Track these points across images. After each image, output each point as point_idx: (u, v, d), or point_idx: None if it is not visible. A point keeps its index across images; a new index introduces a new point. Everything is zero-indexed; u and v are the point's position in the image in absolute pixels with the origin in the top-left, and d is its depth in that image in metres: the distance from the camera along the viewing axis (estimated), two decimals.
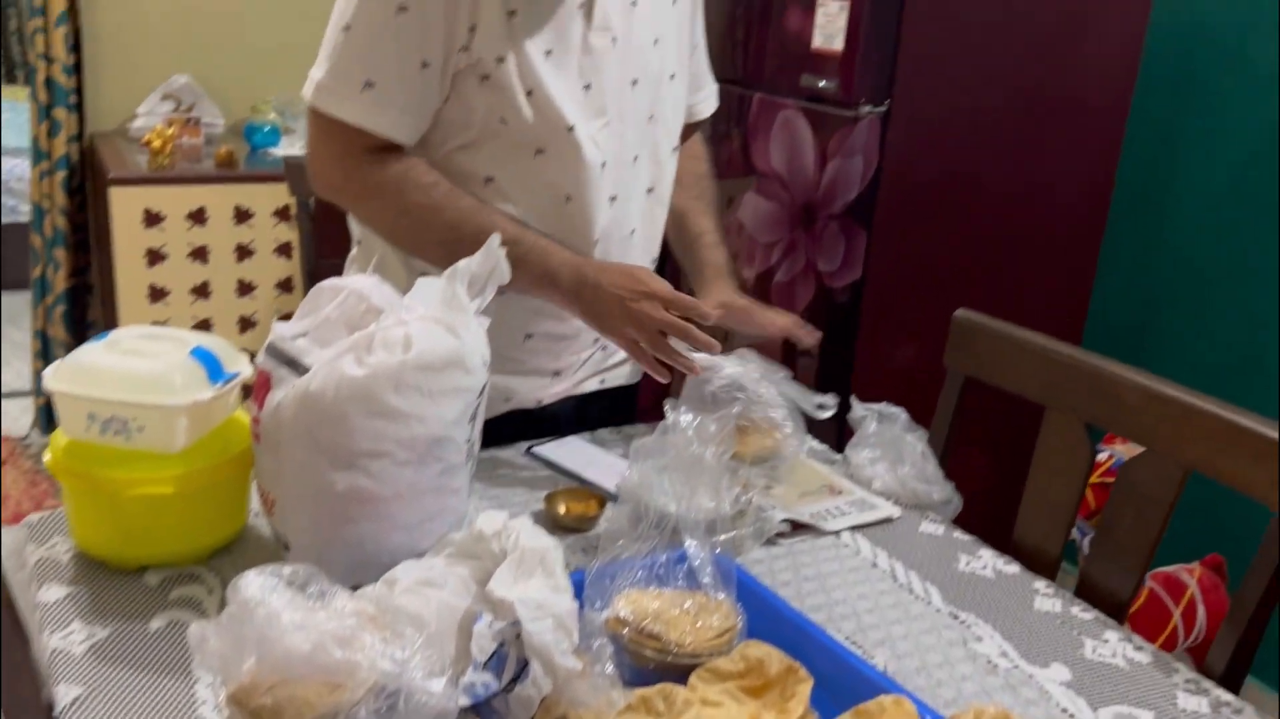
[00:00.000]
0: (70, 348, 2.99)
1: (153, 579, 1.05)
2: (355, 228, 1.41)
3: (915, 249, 2.07)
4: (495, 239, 1.04)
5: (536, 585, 0.83)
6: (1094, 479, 1.99)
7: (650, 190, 1.39)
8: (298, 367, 1.00)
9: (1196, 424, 1.10)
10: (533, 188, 1.27)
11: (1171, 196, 2.43)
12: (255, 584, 0.75)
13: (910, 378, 1.84)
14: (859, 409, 1.38)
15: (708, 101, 1.54)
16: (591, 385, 1.45)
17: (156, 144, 2.69)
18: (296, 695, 0.72)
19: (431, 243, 1.25)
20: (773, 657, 0.90)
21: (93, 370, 1.03)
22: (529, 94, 1.22)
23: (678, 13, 1.37)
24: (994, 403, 1.41)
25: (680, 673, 0.89)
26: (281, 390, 1.00)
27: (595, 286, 1.22)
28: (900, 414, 1.37)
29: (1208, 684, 1.01)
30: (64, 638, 0.95)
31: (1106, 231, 2.28)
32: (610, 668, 0.85)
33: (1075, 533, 2.03)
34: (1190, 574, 2.16)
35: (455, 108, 1.24)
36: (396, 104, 1.20)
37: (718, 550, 0.97)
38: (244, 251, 2.77)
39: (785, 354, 2.11)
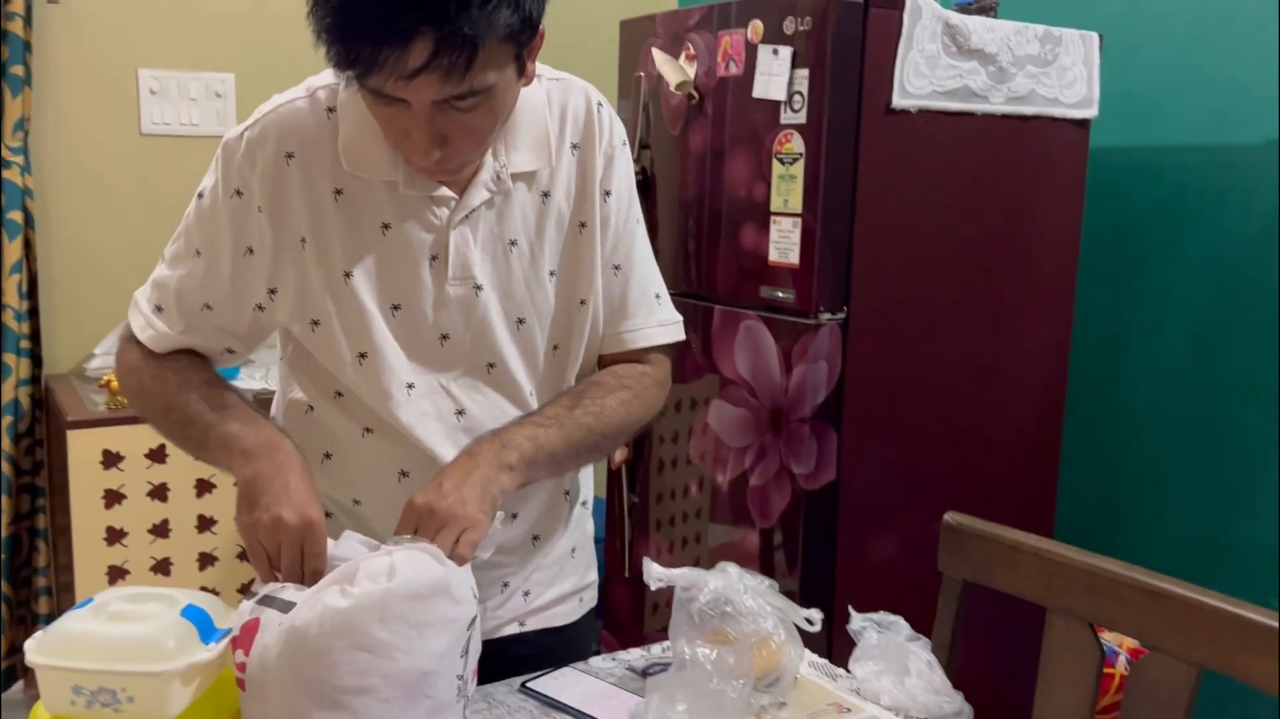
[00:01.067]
0: (8, 598, 2.88)
1: None
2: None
3: (886, 447, 2.10)
4: None
5: None
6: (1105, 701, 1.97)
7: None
8: (283, 604, 0.98)
9: (1201, 621, 1.10)
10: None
11: (1124, 381, 2.52)
12: None
13: (894, 576, 1.84)
14: (857, 620, 1.36)
15: (644, 332, 1.34)
16: (510, 630, 1.37)
17: (115, 385, 2.68)
18: None
19: (156, 423, 1.28)
20: None
21: (79, 639, 0.99)
22: (361, 357, 1.20)
23: (588, 239, 1.28)
24: (992, 607, 1.40)
25: None
26: (268, 634, 0.97)
27: (262, 486, 1.10)
28: (901, 623, 1.35)
29: None
30: None
31: (1066, 420, 2.34)
32: None
33: None
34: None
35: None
36: (176, 330, 1.26)
37: None
38: (205, 486, 2.72)
39: (763, 563, 2.10)
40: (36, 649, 0.98)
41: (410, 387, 1.21)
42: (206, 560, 2.76)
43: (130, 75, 3.02)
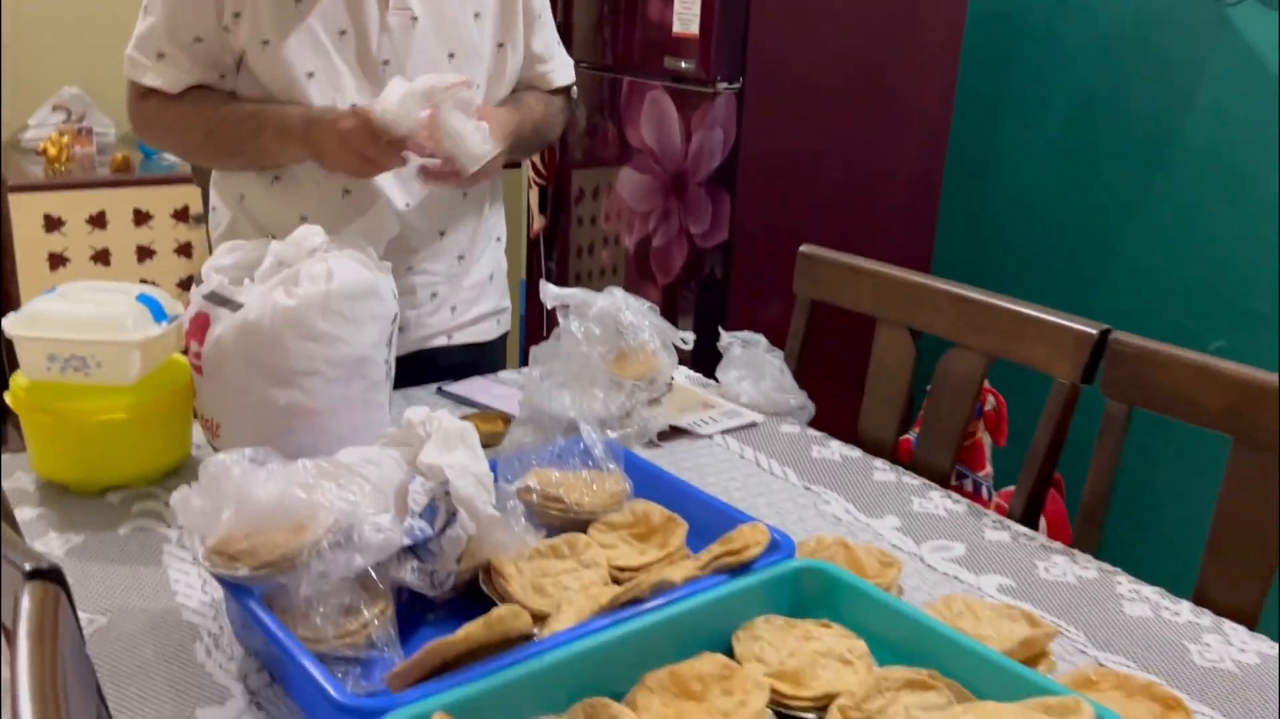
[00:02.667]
0: None
1: (114, 498, 1.19)
2: (212, 195, 1.56)
3: (774, 209, 2.30)
4: (380, 201, 1.22)
5: (459, 454, 1.01)
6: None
7: None
8: (232, 304, 1.17)
9: (994, 319, 1.34)
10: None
11: (998, 156, 2.72)
12: (225, 458, 0.91)
13: (775, 322, 2.06)
14: (725, 338, 1.59)
15: (559, 72, 1.62)
16: (439, 341, 1.60)
17: (52, 151, 2.77)
18: (268, 539, 0.89)
19: (198, 141, 1.46)
20: (655, 510, 1.09)
21: (49, 317, 1.17)
22: (309, 75, 1.39)
23: None
24: (837, 324, 1.64)
25: (580, 528, 1.08)
26: (220, 326, 1.16)
27: (320, 126, 1.35)
28: (760, 339, 1.58)
29: (1009, 523, 1.24)
30: (44, 544, 1.10)
31: (943, 191, 2.55)
32: (524, 522, 1.03)
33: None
34: None
35: (246, 79, 1.42)
36: (184, 69, 1.41)
37: (608, 435, 1.16)
38: (145, 253, 2.86)
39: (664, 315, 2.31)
40: (13, 323, 1.17)
41: (354, 107, 1.38)
42: None
43: None
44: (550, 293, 1.40)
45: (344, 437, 1.17)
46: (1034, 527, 1.27)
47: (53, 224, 2.74)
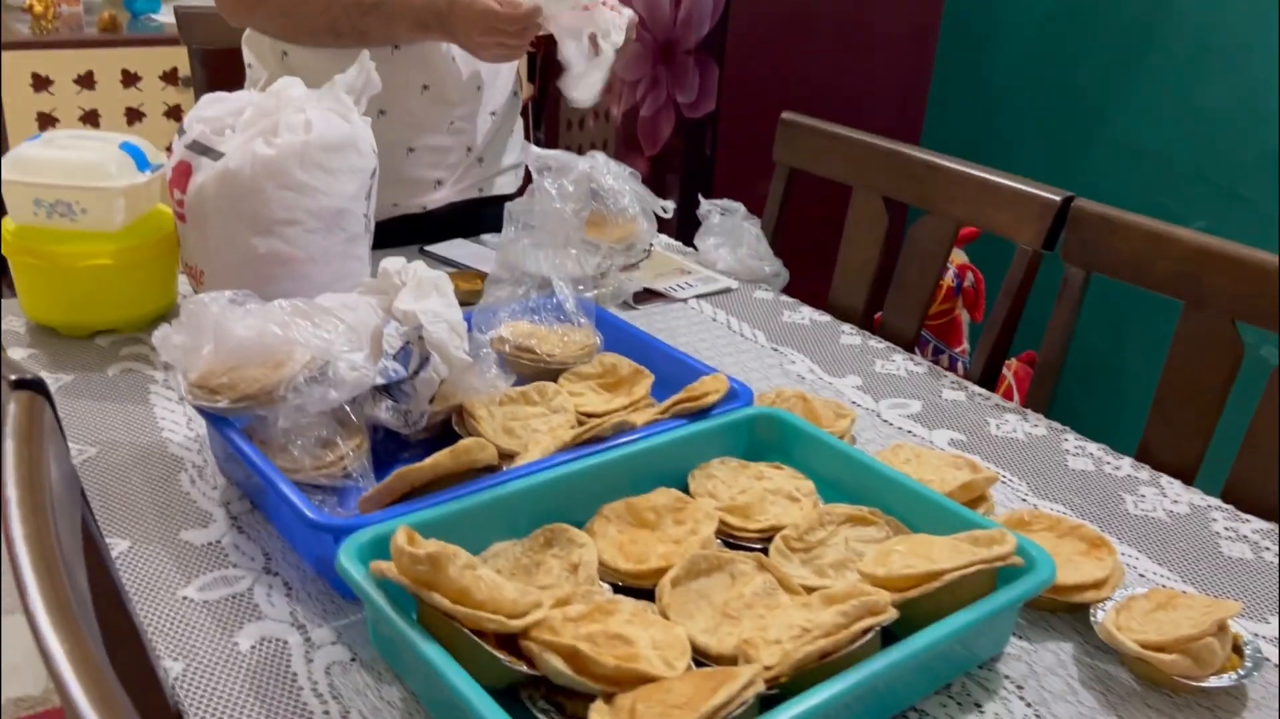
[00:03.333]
0: None
1: (103, 342, 1.23)
2: (247, 54, 1.57)
3: (763, 80, 2.29)
4: (365, 55, 1.23)
5: (433, 301, 1.04)
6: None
7: None
8: (213, 153, 1.19)
9: (963, 186, 1.36)
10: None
11: (992, 29, 2.69)
12: (205, 298, 0.95)
13: (763, 195, 2.08)
14: (705, 205, 1.62)
15: None
16: (472, 194, 1.65)
17: (39, 8, 2.74)
18: (247, 374, 0.93)
19: (316, 29, 1.43)
20: (623, 363, 1.14)
21: (35, 163, 1.19)
22: None
23: None
24: (818, 194, 1.66)
25: (550, 378, 1.12)
26: (202, 174, 1.18)
27: (465, 15, 1.37)
28: (739, 207, 1.61)
29: (967, 383, 1.29)
30: None
31: (936, 63, 2.53)
32: (495, 369, 1.08)
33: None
34: (1007, 368, 2.48)
35: None
36: None
37: (580, 291, 1.20)
38: (134, 115, 2.85)
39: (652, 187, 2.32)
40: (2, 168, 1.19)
41: None
42: None
43: None
44: (533, 154, 1.41)
45: (324, 286, 1.20)
46: (991, 388, 1.32)
47: (41, 83, 2.72)
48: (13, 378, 0.65)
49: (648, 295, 1.47)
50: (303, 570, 0.88)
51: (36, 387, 0.65)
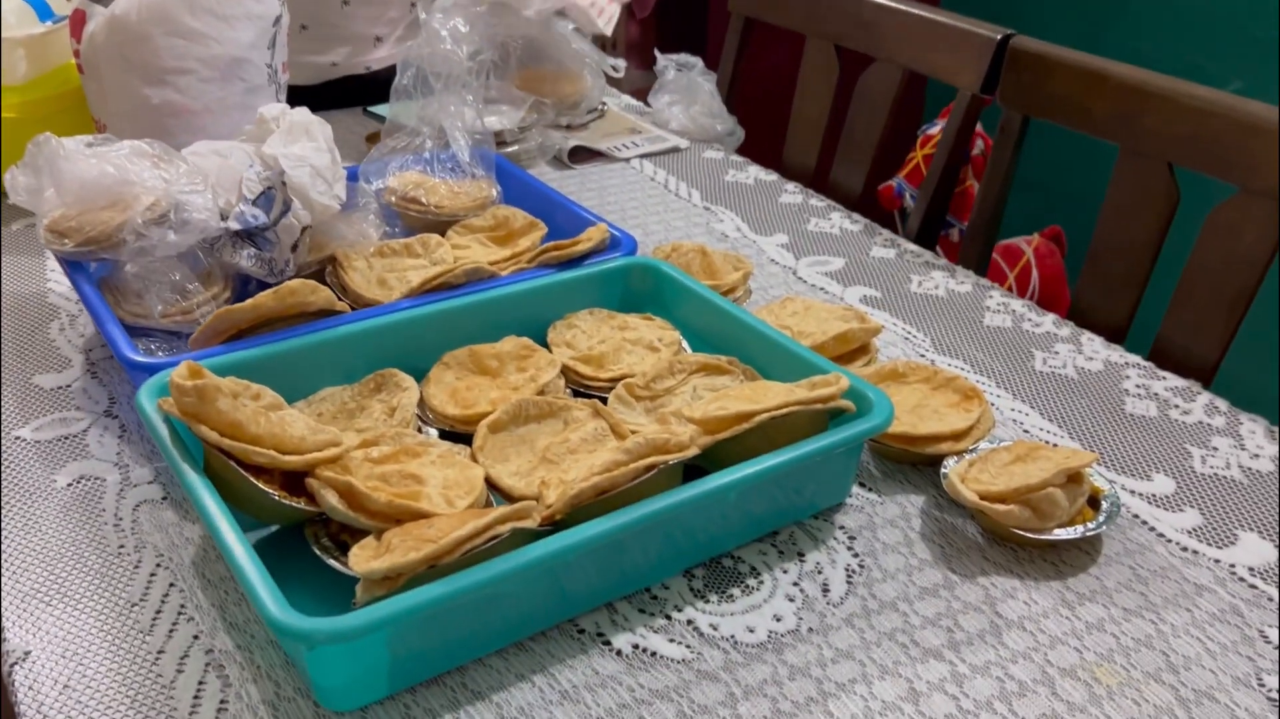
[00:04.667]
0: None
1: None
2: None
3: None
4: None
5: (300, 146, 1.01)
6: (926, 150, 2.16)
7: None
8: (105, 0, 1.16)
9: (913, 29, 1.26)
10: None
11: None
12: (52, 138, 0.93)
13: (757, 62, 1.98)
14: (661, 60, 1.54)
15: None
16: None
17: None
18: (97, 218, 0.91)
19: None
20: (517, 215, 1.09)
21: None
22: None
23: None
24: (774, 46, 1.57)
25: (440, 231, 1.09)
26: (94, 22, 1.15)
27: None
28: (697, 62, 1.53)
29: (901, 241, 1.21)
30: None
31: None
32: (373, 218, 1.04)
33: (910, 201, 2.22)
34: (1028, 244, 2.36)
35: None
36: None
37: (478, 141, 1.14)
38: None
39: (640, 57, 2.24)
40: None
41: None
42: None
43: None
44: (462, 4, 1.35)
45: (223, 138, 1.18)
46: (931, 245, 1.24)
47: None
48: None
49: (586, 154, 1.42)
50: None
51: None
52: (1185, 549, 0.76)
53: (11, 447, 0.83)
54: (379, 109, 1.52)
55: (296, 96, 1.18)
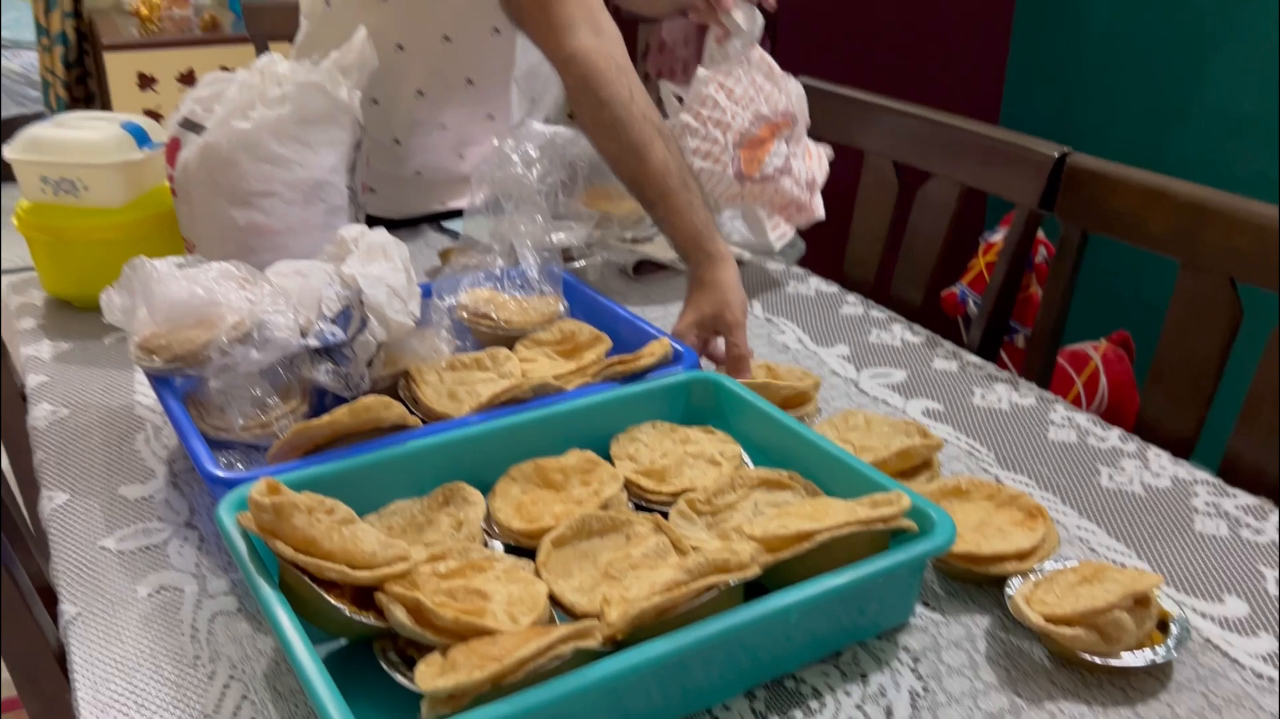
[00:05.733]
0: None
1: None
2: (304, 4, 1.58)
3: (823, 54, 2.23)
4: (362, 33, 1.24)
5: (377, 265, 1.05)
6: (989, 258, 2.17)
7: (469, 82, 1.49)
8: (199, 129, 1.23)
9: (969, 146, 1.29)
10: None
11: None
12: (146, 260, 0.98)
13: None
14: None
15: None
16: None
17: (144, 11, 2.90)
18: (184, 336, 0.96)
19: (615, 151, 1.16)
20: (582, 328, 1.12)
21: (43, 142, 1.26)
22: None
23: None
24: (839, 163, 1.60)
25: (510, 344, 1.12)
26: (188, 149, 1.22)
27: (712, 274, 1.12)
28: None
29: (964, 354, 1.22)
30: (35, 349, 1.21)
31: (1015, 25, 2.40)
32: (445, 334, 1.08)
33: (973, 307, 2.22)
34: (1095, 349, 2.34)
35: None
36: None
37: (547, 258, 1.18)
38: None
39: None
40: (10, 149, 1.26)
41: None
42: None
43: None
44: (531, 129, 1.40)
45: (304, 255, 1.23)
46: (991, 357, 1.25)
47: (145, 82, 2.88)
48: None
49: (651, 267, 1.45)
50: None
51: None
52: (1260, 676, 0.74)
53: (98, 557, 0.86)
54: (452, 224, 1.58)
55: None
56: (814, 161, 1.38)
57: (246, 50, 2.93)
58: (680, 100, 1.36)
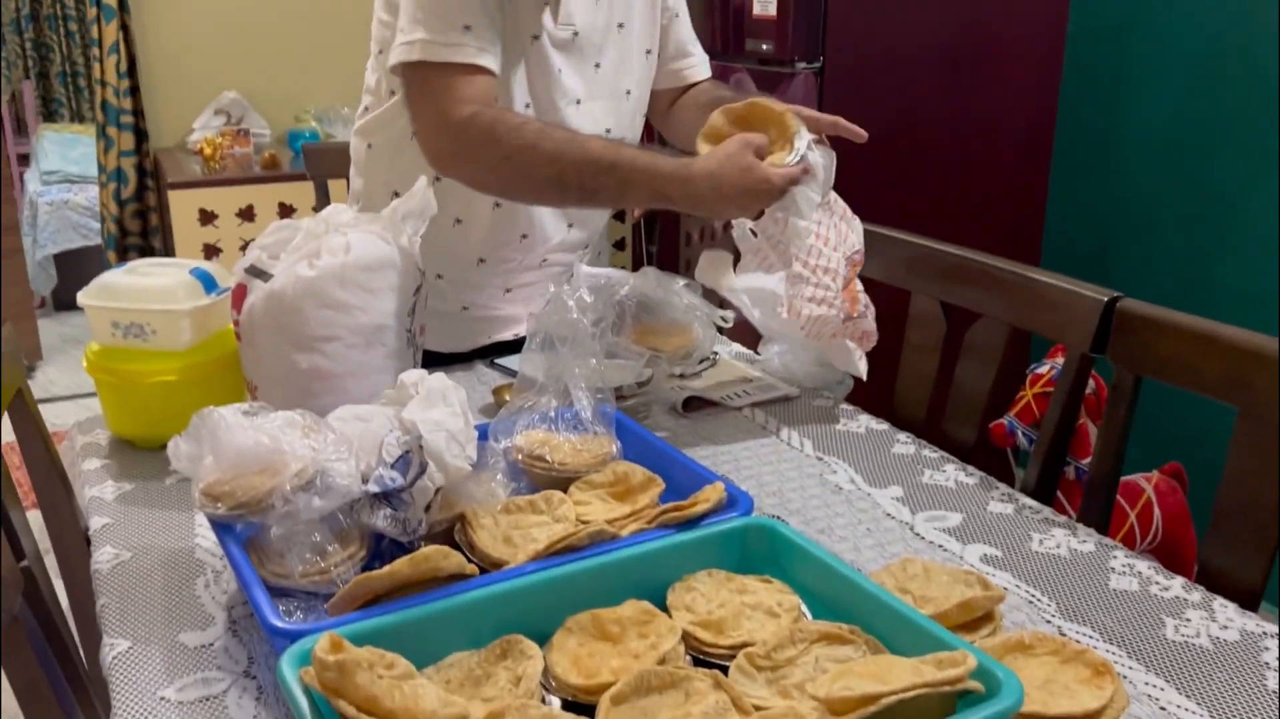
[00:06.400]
0: None
1: None
2: (355, 183, 1.66)
3: (866, 195, 2.27)
4: (423, 181, 1.29)
5: (437, 411, 1.07)
6: (1036, 389, 2.16)
7: None
8: (265, 276, 1.27)
9: (1017, 289, 1.30)
10: None
11: (1115, 128, 2.59)
12: (213, 409, 1.01)
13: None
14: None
15: (697, 68, 1.67)
16: None
17: (207, 151, 3.02)
18: (248, 483, 0.97)
19: (539, 181, 1.34)
20: (636, 471, 1.13)
21: (115, 288, 1.30)
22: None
23: None
24: (882, 300, 1.62)
25: (564, 486, 1.13)
26: (254, 295, 1.27)
27: (711, 186, 1.30)
28: None
29: (1019, 497, 1.21)
30: (99, 490, 1.23)
31: (1054, 166, 2.45)
32: (500, 477, 1.09)
33: (1023, 439, 2.21)
34: (1148, 481, 2.31)
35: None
36: (489, 39, 1.37)
37: (599, 400, 1.20)
38: None
39: None
40: (85, 295, 1.31)
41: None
42: None
43: None
44: (582, 272, 1.44)
45: (364, 399, 1.25)
46: (1048, 500, 1.24)
47: (207, 217, 2.99)
48: None
49: (700, 403, 1.46)
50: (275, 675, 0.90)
51: None
52: None
53: (157, 708, 0.86)
54: (505, 360, 1.60)
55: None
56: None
57: (304, 187, 3.04)
58: (755, 234, 1.40)
